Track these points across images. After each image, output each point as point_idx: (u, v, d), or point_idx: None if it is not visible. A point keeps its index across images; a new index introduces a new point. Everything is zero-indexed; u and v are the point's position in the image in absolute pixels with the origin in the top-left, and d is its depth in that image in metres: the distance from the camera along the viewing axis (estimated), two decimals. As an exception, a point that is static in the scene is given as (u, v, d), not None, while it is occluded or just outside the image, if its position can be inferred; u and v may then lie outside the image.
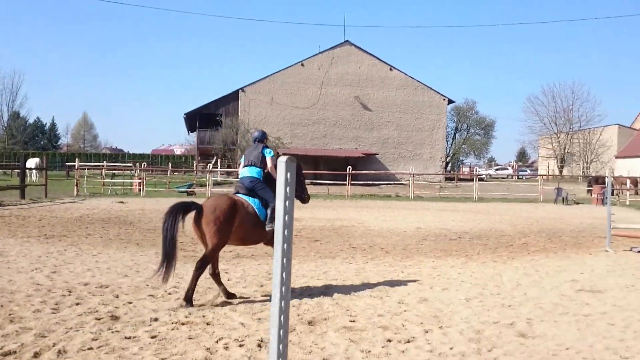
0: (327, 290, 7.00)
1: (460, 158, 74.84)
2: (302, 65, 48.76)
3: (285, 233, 1.98)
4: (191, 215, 6.33)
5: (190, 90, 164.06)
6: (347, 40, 49.73)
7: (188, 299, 6.05)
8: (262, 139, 7.48)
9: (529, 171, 71.44)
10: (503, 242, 12.38)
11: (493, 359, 4.53)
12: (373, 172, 41.99)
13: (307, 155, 45.68)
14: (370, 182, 38.50)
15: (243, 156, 7.46)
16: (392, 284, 7.54)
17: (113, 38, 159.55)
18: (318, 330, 5.24)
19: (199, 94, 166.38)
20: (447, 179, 49.35)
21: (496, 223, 17.13)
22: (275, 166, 6.80)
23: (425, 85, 50.81)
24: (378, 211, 21.56)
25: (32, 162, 37.88)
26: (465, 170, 72.25)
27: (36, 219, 15.05)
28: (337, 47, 49.46)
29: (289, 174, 1.95)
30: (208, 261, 6.36)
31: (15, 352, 4.31)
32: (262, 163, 7.11)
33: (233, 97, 48.54)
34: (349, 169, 33.28)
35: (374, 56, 50.12)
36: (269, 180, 6.93)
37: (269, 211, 6.75)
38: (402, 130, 50.27)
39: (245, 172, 7.13)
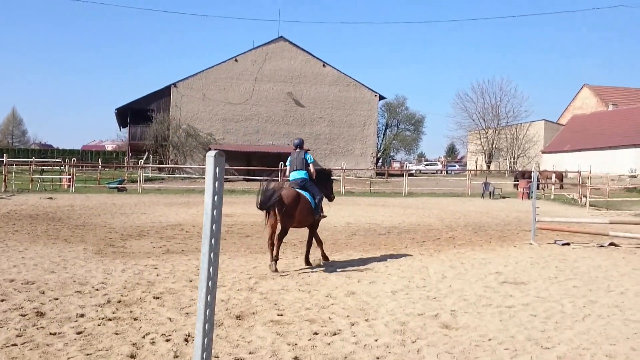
0: (256, 285, 7.13)
1: (391, 154, 76.14)
2: (236, 60, 48.42)
3: (213, 228, 2.06)
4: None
5: (122, 85, 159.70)
6: (281, 36, 49.73)
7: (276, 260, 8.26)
8: (302, 145, 9.70)
9: (457, 166, 73.62)
10: (431, 236, 12.83)
11: (416, 350, 4.76)
12: (306, 168, 42.28)
13: (239, 151, 45.49)
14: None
15: (289, 160, 9.66)
16: (321, 277, 7.75)
17: (41, 30, 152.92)
18: (246, 324, 5.37)
19: (131, 89, 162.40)
20: (377, 174, 50.19)
21: (425, 217, 17.65)
22: (315, 170, 9.47)
23: (358, 82, 51.51)
24: (310, 207, 21.77)
25: None
26: (396, 165, 73.63)
27: (-46, 216, 14.41)
28: (272, 42, 49.39)
29: (217, 169, 2.03)
30: (284, 234, 8.61)
31: None
32: (306, 166, 9.30)
33: (165, 92, 47.63)
34: (281, 164, 33.40)
35: (307, 52, 50.36)
36: (312, 179, 9.30)
37: (316, 201, 9.03)
38: (334, 127, 50.77)
39: (295, 174, 9.34)
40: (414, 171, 57.84)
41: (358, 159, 50.87)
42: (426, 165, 73.47)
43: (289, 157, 9.70)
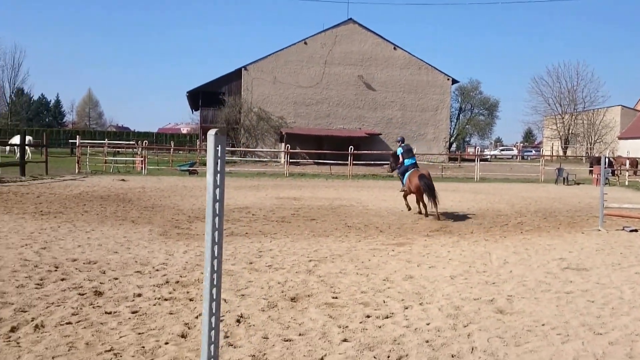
0: (314, 268, 7.01)
1: (466, 139, 74.55)
2: (305, 43, 48.41)
3: (216, 207, 1.96)
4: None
5: (195, 68, 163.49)
6: (350, 19, 49.27)
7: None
8: (403, 140, 14.99)
9: (534, 152, 71.11)
10: (498, 222, 12.37)
11: (467, 334, 4.55)
12: (376, 152, 41.86)
13: (310, 134, 45.62)
14: (373, 162, 38.46)
15: (403, 150, 14.15)
16: (381, 261, 7.55)
17: (117, 15, 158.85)
18: (299, 306, 5.27)
19: (203, 72, 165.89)
20: (450, 159, 49.17)
21: (495, 203, 17.10)
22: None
23: (430, 65, 50.44)
24: (378, 191, 21.54)
25: (18, 139, 37.95)
26: (471, 150, 71.99)
27: (34, 196, 15.13)
28: (341, 25, 49.04)
29: (219, 147, 1.92)
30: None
31: (-8, 326, 4.35)
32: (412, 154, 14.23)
33: (236, 75, 48.28)
34: (351, 148, 33.19)
35: (378, 35, 49.70)
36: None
37: None
38: (406, 111, 50.02)
39: (412, 160, 14.08)
40: (488, 156, 56.30)
41: (430, 144, 49.97)
42: (501, 150, 71.38)
43: (400, 148, 14.32)
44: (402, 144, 14.52)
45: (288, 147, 35.57)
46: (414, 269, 7.11)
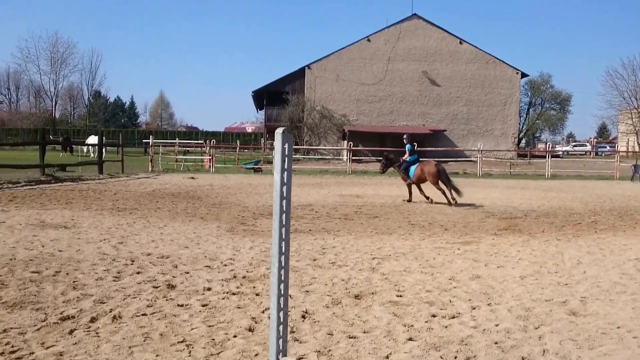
0: (378, 266, 7.03)
1: (536, 134, 72.38)
2: (369, 40, 48.30)
3: (283, 204, 2.02)
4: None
5: (260, 68, 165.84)
6: (414, 14, 48.77)
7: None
8: (409, 139, 16.53)
9: (608, 147, 68.24)
10: (571, 220, 11.98)
11: (538, 336, 4.46)
12: (440, 148, 41.30)
13: (373, 132, 45.49)
14: (438, 159, 37.95)
15: (410, 146, 16.18)
16: (446, 260, 7.48)
17: (186, 18, 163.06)
18: (363, 303, 5.31)
19: (268, 72, 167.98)
20: (519, 155, 47.88)
21: (567, 201, 16.57)
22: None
23: (497, 59, 49.27)
24: (443, 188, 21.28)
25: (94, 139, 39.73)
26: (541, 146, 69.80)
27: (111, 193, 15.83)
28: (405, 21, 48.63)
29: (286, 146, 1.98)
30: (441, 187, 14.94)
31: (73, 317, 4.60)
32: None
33: (299, 74, 48.74)
34: (415, 145, 32.90)
35: (442, 29, 48.98)
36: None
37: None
38: (472, 106, 49.08)
39: (413, 157, 15.99)
40: (559, 152, 54.45)
41: (498, 140, 48.85)
42: (574, 146, 68.85)
43: (410, 145, 16.16)
44: (410, 141, 16.43)
45: (351, 144, 35.61)
46: (481, 268, 7.01)
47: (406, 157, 16.02)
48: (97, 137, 40.62)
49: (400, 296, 5.59)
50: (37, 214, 11.07)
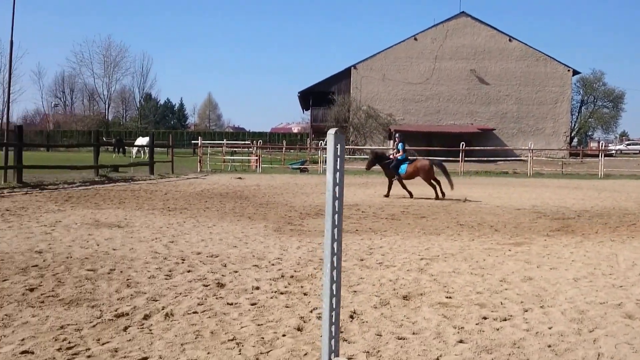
0: (426, 267, 6.96)
1: (588, 133, 70.38)
2: (415, 39, 47.89)
3: (335, 205, 2.02)
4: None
5: (306, 69, 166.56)
6: (462, 12, 48.09)
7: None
8: (401, 139, 17.16)
9: (665, 146, 65.67)
10: (625, 221, 11.60)
11: (593, 340, 4.32)
12: (489, 148, 40.58)
13: (419, 131, 45.09)
14: (486, 159, 37.31)
15: (402, 144, 16.82)
16: (497, 262, 7.35)
17: (233, 19, 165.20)
18: (412, 304, 5.26)
19: (314, 72, 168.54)
20: (571, 154, 46.61)
21: (621, 201, 16.05)
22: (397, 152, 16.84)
23: (548, 56, 48.10)
24: (492, 188, 20.93)
25: (142, 141, 40.74)
26: (594, 145, 67.75)
27: (162, 193, 16.19)
28: (452, 19, 48.00)
29: (338, 146, 1.98)
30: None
31: (127, 314, 4.72)
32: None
33: (345, 74, 48.73)
34: (463, 145, 32.41)
35: (491, 27, 48.14)
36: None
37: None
38: (522, 104, 48.06)
39: (403, 156, 16.60)
40: (613, 151, 52.74)
41: (549, 139, 47.69)
42: (628, 145, 66.53)
43: (402, 143, 16.93)
44: (402, 140, 17.15)
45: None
46: (533, 270, 6.85)
47: (399, 155, 16.80)
48: (144, 138, 41.74)
49: (450, 298, 5.52)
50: (92, 213, 11.41)
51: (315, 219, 11.44)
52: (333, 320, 2.04)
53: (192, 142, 55.53)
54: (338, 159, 2.01)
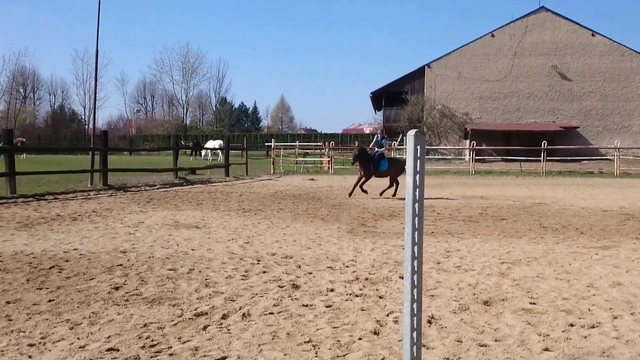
0: (507, 271, 6.70)
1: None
2: (493, 36, 46.63)
3: (416, 207, 1.94)
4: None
5: (378, 69, 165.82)
6: (542, 7, 46.42)
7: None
8: (383, 135, 17.18)
9: None
10: None
11: (692, 351, 4.01)
12: (572, 147, 38.92)
13: (497, 130, 43.89)
14: (570, 158, 35.81)
15: (385, 141, 16.16)
16: (583, 266, 6.98)
17: (304, 22, 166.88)
18: (493, 310, 5.06)
19: (386, 72, 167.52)
20: (662, 153, 43.99)
21: None
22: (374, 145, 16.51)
23: (634, 51, 45.63)
24: (576, 189, 20.05)
25: (213, 144, 41.79)
26: (686, 143, 63.63)
27: (237, 195, 16.51)
28: (531, 14, 46.40)
29: (418, 148, 1.90)
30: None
31: (206, 313, 4.79)
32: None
33: (418, 73, 48.10)
34: (544, 143, 31.22)
35: (573, 22, 46.19)
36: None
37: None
38: (607, 101, 45.83)
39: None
40: None
41: (636, 137, 45.27)
42: None
43: (384, 140, 16.97)
44: (384, 137, 17.43)
45: (473, 143, 34.56)
46: (622, 275, 6.46)
47: (381, 151, 16.46)
48: (215, 142, 42.85)
49: (534, 303, 5.28)
50: (172, 214, 11.76)
51: (389, 220, 11.31)
52: (414, 326, 1.96)
53: (266, 144, 56.50)
54: (418, 160, 1.92)
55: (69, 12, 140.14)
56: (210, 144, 43.34)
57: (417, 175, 1.94)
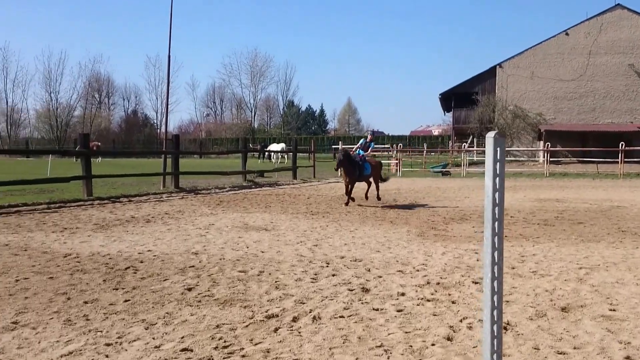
0: (586, 277, 6.42)
1: None
2: (567, 34, 44.97)
3: (495, 211, 1.87)
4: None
5: (447, 70, 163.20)
6: (618, 4, 44.41)
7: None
8: (373, 137, 15.84)
9: None
10: None
11: None
12: (653, 147, 36.99)
13: (573, 131, 42.32)
14: (650, 160, 34.07)
15: (373, 144, 15.65)
16: (668, 273, 6.61)
17: (369, 23, 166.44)
18: (572, 317, 4.86)
19: (455, 73, 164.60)
20: None
21: None
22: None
23: None
24: (657, 192, 19.03)
25: (275, 147, 42.27)
26: None
27: (305, 197, 16.63)
28: (607, 12, 44.45)
29: (498, 150, 1.83)
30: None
31: (277, 316, 4.83)
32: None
33: (489, 74, 47.01)
34: (622, 145, 29.84)
35: (652, 18, 43.91)
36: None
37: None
38: (689, 100, 43.31)
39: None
40: None
41: None
42: None
43: (372, 143, 15.63)
44: (374, 139, 15.97)
45: (548, 145, 33.48)
46: None
47: (365, 154, 15.12)
48: (278, 145, 43.36)
49: (614, 310, 5.04)
50: (241, 217, 11.97)
51: (460, 224, 11.09)
52: (495, 334, 1.89)
53: (333, 146, 56.68)
54: (498, 163, 1.87)
55: (140, 19, 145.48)
56: (274, 146, 43.99)
57: (497, 179, 1.88)
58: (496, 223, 1.91)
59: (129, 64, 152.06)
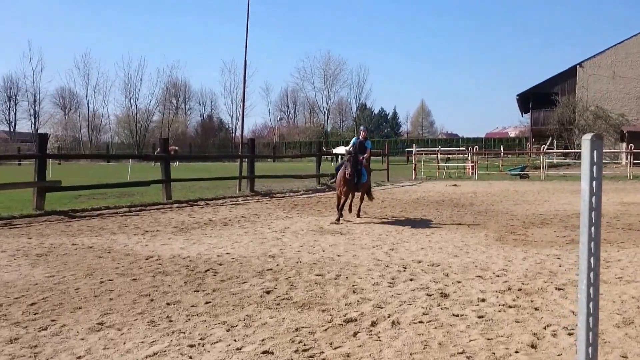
0: (680, 285, 6.09)
1: None
2: (651, 31, 42.68)
3: (592, 216, 1.82)
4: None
5: (524, 70, 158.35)
6: None
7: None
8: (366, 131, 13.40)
9: None
10: None
11: None
12: None
13: (659, 131, 40.09)
14: None
15: (370, 144, 13.33)
16: None
17: (443, 24, 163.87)
18: (664, 327, 4.63)
19: (533, 73, 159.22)
20: None
21: None
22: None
23: None
24: None
25: (340, 149, 42.22)
26: None
27: (379, 201, 16.58)
28: (698, 3, 41.82)
29: (595, 152, 1.78)
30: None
31: (355, 320, 4.85)
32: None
33: (569, 74, 45.31)
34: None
35: None
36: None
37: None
38: None
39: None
40: None
41: None
42: None
43: (369, 142, 13.32)
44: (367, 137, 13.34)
45: (631, 146, 31.89)
46: None
47: (365, 156, 12.68)
48: (342, 148, 43.36)
49: None
50: (316, 220, 12.08)
51: (541, 228, 10.74)
52: (590, 341, 1.84)
53: (406, 149, 56.25)
54: (595, 166, 1.82)
55: (216, 25, 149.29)
56: (338, 149, 44.10)
57: (594, 182, 1.83)
58: (593, 228, 1.87)
59: (205, 70, 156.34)
